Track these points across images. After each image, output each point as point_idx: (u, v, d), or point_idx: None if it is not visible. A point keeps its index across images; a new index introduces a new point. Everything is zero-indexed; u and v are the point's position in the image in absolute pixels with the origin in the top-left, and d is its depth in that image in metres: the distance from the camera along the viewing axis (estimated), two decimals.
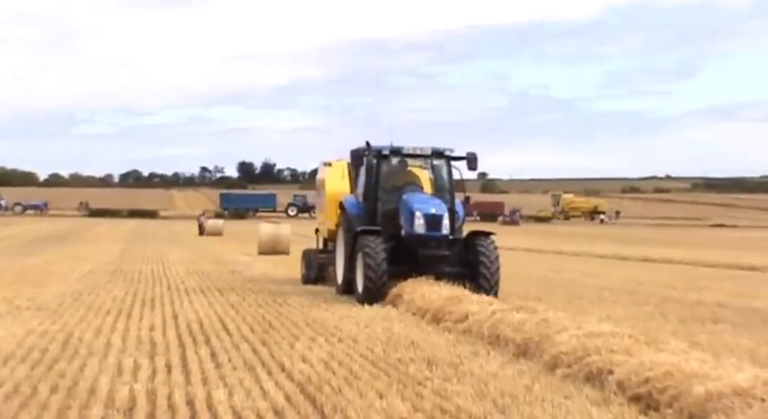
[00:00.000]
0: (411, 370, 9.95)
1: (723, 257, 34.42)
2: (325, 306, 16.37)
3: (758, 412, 7.05)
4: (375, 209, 18.21)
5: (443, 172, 18.87)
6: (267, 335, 12.68)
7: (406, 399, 8.49)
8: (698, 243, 55.59)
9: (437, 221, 17.31)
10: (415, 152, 18.64)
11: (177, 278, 23.14)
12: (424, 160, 19.20)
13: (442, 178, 18.91)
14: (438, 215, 17.35)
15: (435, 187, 18.92)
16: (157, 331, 13.16)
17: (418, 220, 17.16)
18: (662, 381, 8.25)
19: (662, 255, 37.23)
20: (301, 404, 8.37)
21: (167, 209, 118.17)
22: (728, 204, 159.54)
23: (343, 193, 20.17)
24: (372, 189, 18.38)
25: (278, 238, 35.95)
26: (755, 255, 33.94)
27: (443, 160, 18.77)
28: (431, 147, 18.57)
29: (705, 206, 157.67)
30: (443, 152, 18.59)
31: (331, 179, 21.46)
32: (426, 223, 17.19)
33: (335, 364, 10.37)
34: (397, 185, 18.69)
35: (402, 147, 18.52)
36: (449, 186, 18.72)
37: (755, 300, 18.70)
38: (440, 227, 17.34)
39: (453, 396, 8.61)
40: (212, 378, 9.55)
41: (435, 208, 17.43)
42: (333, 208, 20.19)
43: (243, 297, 18.18)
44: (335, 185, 21.11)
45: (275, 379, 9.52)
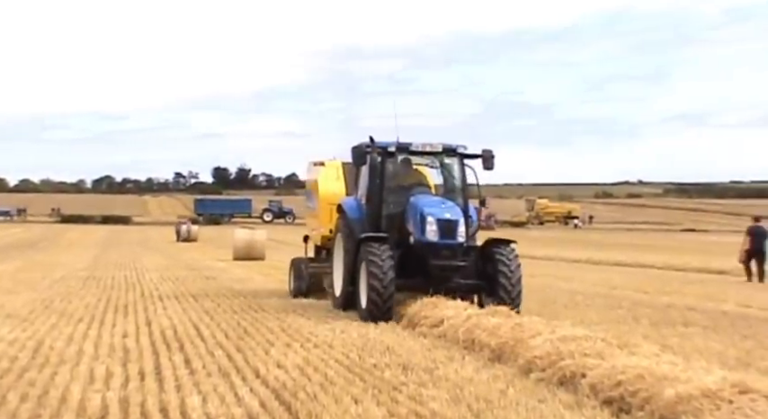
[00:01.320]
0: (386, 376, 9.92)
1: (693, 261, 34.68)
2: (301, 311, 16.30)
3: (726, 413, 7.15)
4: (380, 213, 16.18)
5: (455, 171, 16.85)
6: (242, 342, 12.61)
7: (382, 404, 8.48)
8: (669, 247, 55.89)
9: (452, 227, 15.35)
10: (424, 149, 16.49)
11: (151, 284, 23.01)
12: (434, 158, 17.02)
13: (453, 178, 16.91)
14: (453, 220, 15.39)
15: (445, 188, 16.93)
16: (131, 338, 13.05)
17: (430, 226, 15.16)
18: (634, 384, 8.31)
19: (634, 260, 37.45)
20: (276, 410, 8.32)
21: (141, 215, 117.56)
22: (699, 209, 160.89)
23: (338, 196, 18.34)
24: (377, 190, 16.25)
25: (253, 244, 35.88)
26: (724, 260, 34.06)
27: (456, 158, 16.71)
28: (442, 144, 16.50)
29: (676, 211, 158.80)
30: (456, 149, 16.58)
31: (324, 180, 19.50)
32: (439, 229, 15.19)
33: (311, 370, 10.32)
34: (404, 186, 16.66)
35: (410, 144, 16.41)
36: (461, 187, 16.74)
37: (724, 304, 18.90)
38: (455, 233, 15.36)
39: (428, 400, 8.58)
40: (186, 385, 9.46)
41: (449, 212, 15.48)
42: (327, 211, 18.58)
43: (218, 303, 18.09)
44: (329, 187, 19.20)
45: (250, 386, 9.47)
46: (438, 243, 15.19)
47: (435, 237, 15.14)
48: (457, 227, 15.36)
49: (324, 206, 18.93)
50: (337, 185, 19.09)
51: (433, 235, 15.13)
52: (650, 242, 66.69)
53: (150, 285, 22.73)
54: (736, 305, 18.80)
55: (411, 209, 15.61)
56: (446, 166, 16.97)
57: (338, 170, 19.43)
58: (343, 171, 19.23)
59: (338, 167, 19.48)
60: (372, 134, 16.44)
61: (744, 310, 17.90)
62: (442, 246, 15.24)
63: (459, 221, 15.42)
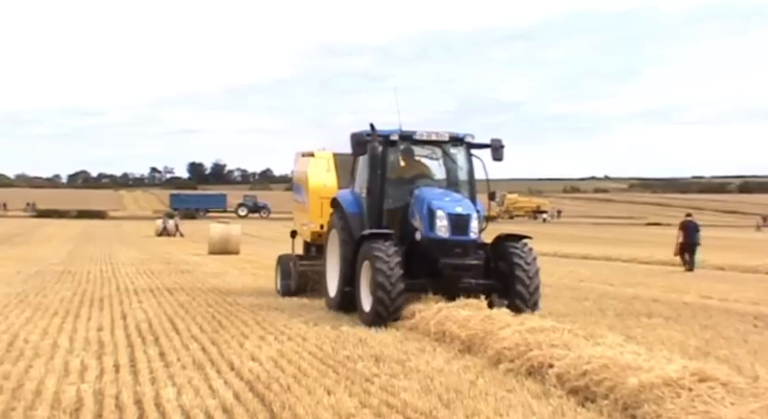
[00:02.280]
0: (359, 367, 9.93)
1: (657, 254, 34.92)
2: (275, 305, 16.27)
3: (686, 401, 7.27)
4: (381, 207, 14.70)
5: (462, 162, 15.36)
6: (217, 335, 12.57)
7: (354, 395, 8.49)
8: (634, 241, 56.30)
9: (464, 223, 13.96)
10: (429, 138, 14.95)
11: (126, 278, 22.89)
12: (436, 148, 15.40)
13: (458, 170, 15.40)
14: (465, 215, 13.99)
15: (448, 181, 15.39)
16: (105, 331, 12.96)
17: (440, 221, 13.75)
18: (599, 374, 8.39)
19: (601, 253, 37.72)
20: (250, 401, 8.31)
21: (116, 210, 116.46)
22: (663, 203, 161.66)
23: (330, 188, 17.07)
24: (379, 182, 14.70)
25: (228, 238, 35.77)
26: None
27: (463, 148, 15.24)
28: (448, 133, 14.97)
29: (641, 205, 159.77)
30: (464, 138, 15.08)
31: (315, 172, 17.96)
32: (451, 225, 13.79)
33: (284, 362, 10.31)
34: (406, 178, 15.24)
35: (414, 132, 14.84)
36: (469, 180, 15.32)
37: (686, 295, 19.27)
38: (467, 229, 13.97)
39: (400, 391, 8.61)
40: (161, 378, 9.42)
41: (461, 206, 14.09)
42: (317, 205, 17.27)
43: (192, 297, 18.03)
44: (320, 179, 17.73)
45: (224, 378, 9.44)
46: (449, 239, 13.84)
47: (446, 234, 13.81)
48: (469, 223, 14.01)
49: (314, 199, 17.60)
50: (328, 177, 17.72)
51: (444, 231, 13.79)
52: (616, 235, 67.06)
53: (125, 279, 22.60)
54: (698, 296, 19.14)
55: (417, 203, 14.26)
56: (451, 157, 15.42)
57: (329, 161, 18.03)
58: (335, 162, 17.86)
59: (329, 158, 18.09)
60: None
61: (704, 301, 18.20)
62: (453, 243, 13.87)
63: (472, 216, 14.09)
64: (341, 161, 17.42)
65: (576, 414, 7.72)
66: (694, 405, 7.18)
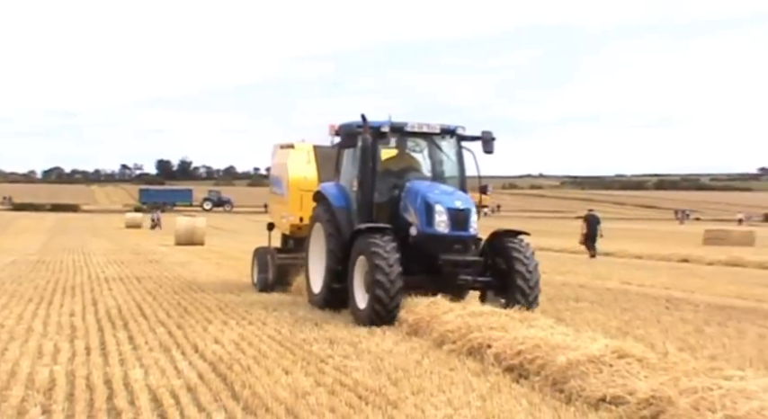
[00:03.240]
0: (314, 349, 9.91)
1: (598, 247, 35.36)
2: (237, 291, 16.16)
3: (607, 375, 7.45)
4: (372, 201, 13.15)
5: (453, 155, 13.84)
6: (182, 319, 12.45)
7: (310, 375, 8.46)
8: (565, 233, 56.75)
9: (464, 218, 12.49)
10: (420, 129, 13.40)
11: (98, 267, 22.58)
12: (422, 141, 13.94)
13: (448, 163, 13.88)
14: (465, 209, 12.54)
15: (434, 174, 13.87)
16: (78, 316, 12.78)
17: (439, 216, 12.30)
18: (532, 353, 8.48)
19: (535, 244, 37.73)
20: (213, 381, 8.25)
21: (89, 204, 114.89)
22: (590, 199, 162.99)
23: (310, 181, 15.59)
24: (370, 175, 13.14)
25: (194, 230, 35.49)
26: (610, 244, 35.01)
27: (453, 140, 13.76)
28: (439, 125, 13.52)
29: (571, 200, 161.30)
30: (455, 130, 13.61)
31: (294, 164, 16.31)
32: (450, 220, 12.32)
33: (245, 345, 10.25)
34: (394, 171, 13.67)
35: (405, 124, 13.30)
36: (460, 173, 13.80)
37: (609, 281, 19.71)
38: (467, 225, 12.51)
39: (352, 371, 8.62)
40: (129, 360, 9.33)
41: (460, 200, 12.66)
42: (297, 198, 15.81)
43: (160, 284, 17.83)
44: (300, 171, 16.12)
45: (189, 360, 9.36)
46: (449, 235, 12.37)
47: (446, 229, 12.32)
48: (469, 217, 12.55)
49: (294, 192, 15.99)
50: (308, 170, 16.13)
51: (444, 226, 12.31)
52: (549, 228, 67.73)
53: (97, 268, 22.29)
54: (619, 282, 19.59)
55: (410, 197, 12.76)
56: (439, 150, 13.95)
57: (309, 153, 16.39)
58: (315, 154, 16.32)
59: (309, 150, 16.45)
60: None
61: (625, 287, 18.62)
62: (453, 239, 12.43)
63: (472, 210, 12.65)
64: (321, 153, 16.12)
65: (511, 390, 7.77)
66: (614, 379, 7.37)
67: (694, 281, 20.25)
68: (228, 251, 30.09)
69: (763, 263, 27.07)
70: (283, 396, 7.53)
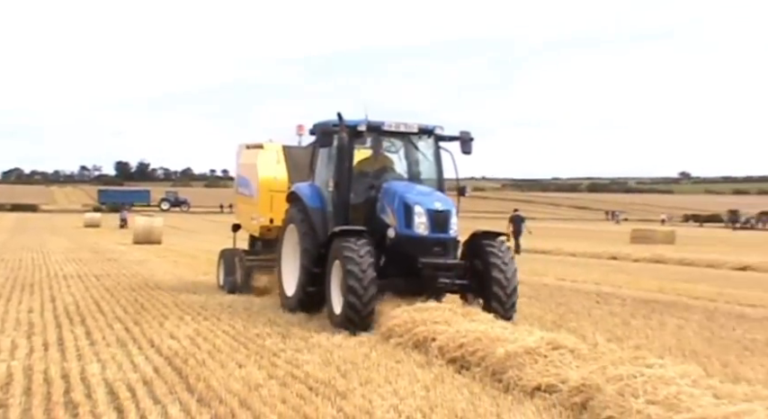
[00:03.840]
0: (267, 343, 9.84)
1: (523, 244, 35.68)
2: (193, 289, 15.95)
3: (542, 365, 7.58)
4: (348, 202, 12.11)
5: (430, 155, 12.75)
6: (139, 316, 12.26)
7: (263, 368, 8.41)
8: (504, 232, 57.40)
9: (444, 219, 11.45)
10: (398, 129, 12.35)
11: (56, 265, 22.09)
12: (397, 141, 12.80)
13: (425, 163, 12.82)
14: (444, 211, 11.49)
15: (410, 174, 12.83)
16: (36, 313, 12.51)
17: (419, 218, 11.27)
18: (473, 346, 8.55)
19: None
20: (168, 375, 8.15)
21: (48, 204, 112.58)
22: (529, 200, 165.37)
23: (280, 181, 14.57)
24: (346, 175, 12.12)
25: (151, 229, 34.96)
26: (546, 242, 35.59)
27: (431, 140, 12.66)
28: (417, 124, 12.47)
29: (511, 202, 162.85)
30: (433, 130, 12.53)
31: (264, 164, 15.07)
32: (430, 222, 11.29)
33: (200, 340, 10.13)
34: (369, 172, 12.63)
35: (382, 123, 12.25)
36: (437, 174, 12.68)
37: (545, 278, 19.94)
38: (447, 226, 11.47)
39: (303, 364, 8.58)
40: (87, 355, 9.16)
41: (440, 201, 11.63)
42: (267, 198, 14.67)
43: (117, 282, 17.52)
44: (270, 171, 14.91)
45: (145, 354, 9.23)
46: (429, 237, 11.34)
47: (425, 231, 11.31)
48: (449, 219, 11.52)
49: (264, 192, 14.80)
50: (278, 170, 14.93)
51: (423, 228, 11.30)
52: (490, 227, 68.21)
53: (55, 266, 21.81)
54: (554, 278, 19.82)
55: (388, 198, 11.74)
56: (418, 149, 12.83)
57: (279, 153, 15.21)
58: (285, 155, 15.16)
59: (278, 150, 15.27)
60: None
61: (559, 283, 18.86)
62: (433, 241, 11.38)
63: (452, 212, 11.63)
64: (290, 153, 15.06)
65: (453, 380, 7.81)
66: (548, 369, 7.49)
67: (622, 277, 20.66)
68: (185, 250, 29.73)
69: (683, 260, 27.86)
70: (237, 389, 7.47)
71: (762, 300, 15.20)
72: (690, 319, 12.49)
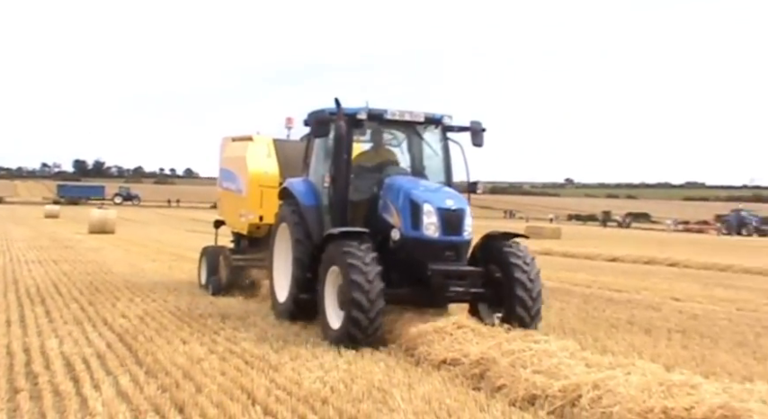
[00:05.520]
0: (209, 323, 9.70)
1: None
2: (142, 274, 15.59)
3: (448, 342, 7.71)
4: (347, 200, 9.44)
5: (437, 147, 10.05)
6: (93, 297, 11.94)
7: (204, 344, 8.29)
8: None
9: (457, 220, 8.85)
10: (402, 118, 9.67)
11: (19, 252, 21.27)
12: (408, 130, 10.13)
13: (431, 156, 10.11)
14: (458, 210, 8.89)
15: (414, 169, 10.10)
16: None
17: (428, 218, 8.68)
18: (389, 325, 8.59)
19: None
20: (120, 349, 7.99)
21: (12, 196, 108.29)
22: None
23: (270, 176, 12.06)
24: (344, 169, 9.41)
25: (105, 220, 34.01)
26: None
27: (438, 131, 9.99)
28: (424, 113, 9.76)
29: None
30: (441, 119, 9.84)
31: (253, 158, 12.44)
32: (441, 223, 8.70)
33: (149, 319, 9.93)
34: (368, 165, 10.01)
35: (384, 111, 9.56)
36: (445, 169, 9.99)
37: None
38: (461, 228, 8.88)
39: (240, 341, 8.50)
40: (46, 331, 8.91)
41: (452, 199, 8.98)
42: (257, 194, 12.15)
43: (74, 266, 16.99)
44: (260, 166, 12.32)
45: (99, 331, 9.02)
46: (439, 240, 8.71)
47: (436, 233, 8.69)
48: (463, 220, 8.92)
49: (253, 187, 12.21)
50: (269, 164, 12.36)
51: (434, 230, 8.69)
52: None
53: (18, 252, 20.99)
54: None
55: (391, 195, 9.14)
56: (424, 141, 10.16)
57: (269, 146, 12.61)
58: (275, 148, 12.63)
59: (269, 143, 12.67)
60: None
61: None
62: (444, 245, 8.77)
63: (466, 211, 9.01)
64: (281, 147, 12.65)
65: (372, 356, 7.83)
66: (453, 345, 7.61)
67: None
68: (136, 239, 29.03)
69: (566, 253, 28.70)
70: (181, 362, 7.37)
71: (626, 286, 15.72)
72: (570, 302, 12.82)
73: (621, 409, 5.37)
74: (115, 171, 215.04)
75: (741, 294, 15.03)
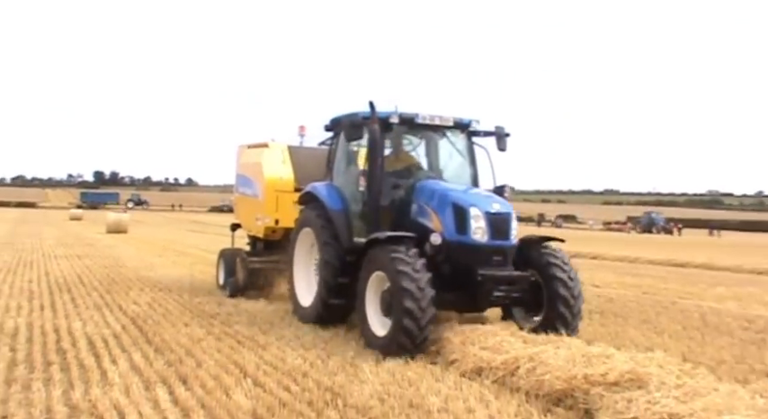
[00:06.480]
0: (207, 308, 9.52)
1: None
2: (150, 268, 15.21)
3: None
4: (379, 204, 7.89)
5: (463, 152, 8.53)
6: (110, 286, 11.66)
7: (203, 327, 8.14)
8: None
9: (505, 224, 7.45)
10: (432, 122, 8.19)
11: (49, 248, 20.68)
12: (437, 134, 8.53)
13: (457, 160, 8.54)
14: (505, 214, 7.47)
15: (441, 172, 8.54)
16: (35, 283, 11.83)
17: (476, 222, 7.29)
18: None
19: None
20: (132, 331, 7.84)
21: (44, 202, 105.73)
22: None
23: (286, 181, 10.55)
24: (378, 173, 7.81)
25: (120, 222, 33.37)
26: None
27: (464, 136, 8.53)
28: (452, 117, 8.33)
29: None
30: (469, 124, 8.45)
31: (270, 163, 10.89)
32: (490, 227, 7.31)
33: (156, 305, 9.73)
34: (391, 170, 8.20)
35: (416, 115, 8.10)
36: (472, 173, 8.50)
37: None
38: (508, 232, 7.46)
39: (234, 324, 8.36)
40: (72, 315, 8.72)
41: (498, 203, 7.56)
42: (272, 198, 10.59)
43: (94, 261, 16.56)
44: (276, 171, 10.76)
45: (115, 315, 8.83)
46: (487, 245, 7.33)
47: (484, 238, 7.31)
48: (510, 224, 7.50)
49: (269, 192, 10.67)
50: (284, 169, 10.82)
51: (482, 234, 7.30)
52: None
53: (49, 249, 20.41)
54: None
55: (429, 199, 7.68)
56: (452, 145, 8.54)
57: (284, 152, 11.03)
58: (290, 154, 11.02)
59: (284, 150, 11.08)
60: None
61: None
62: (492, 250, 7.36)
63: (512, 215, 7.60)
64: (295, 153, 11.10)
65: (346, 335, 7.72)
66: None
67: None
68: (145, 238, 28.52)
69: None
70: (183, 342, 7.24)
71: None
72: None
73: (551, 377, 5.41)
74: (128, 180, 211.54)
75: (645, 280, 15.33)
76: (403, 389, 5.52)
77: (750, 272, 19.33)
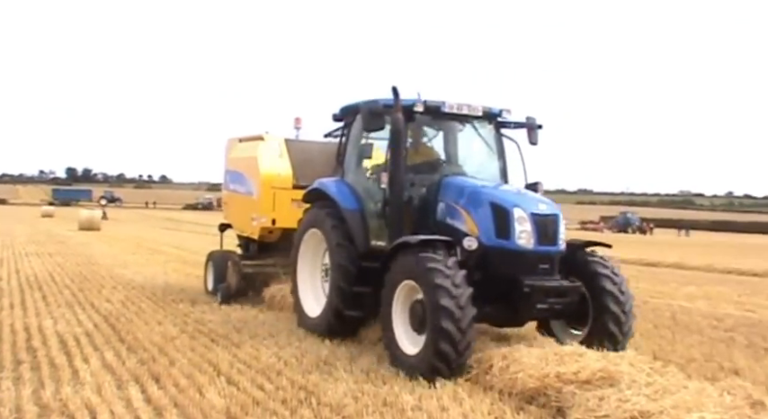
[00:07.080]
0: (180, 307, 9.44)
1: None
2: (123, 265, 15.03)
3: None
4: (402, 203, 6.87)
5: (491, 145, 7.49)
6: (83, 284, 11.50)
7: (176, 325, 8.08)
8: None
9: (552, 226, 6.44)
10: (460, 111, 7.13)
11: (20, 246, 20.28)
12: (463, 125, 7.46)
13: (481, 155, 7.52)
14: (552, 215, 6.46)
15: (465, 168, 7.46)
16: (4, 280, 11.63)
17: (520, 225, 6.26)
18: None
19: None
20: (105, 329, 7.74)
21: (15, 199, 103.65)
22: None
23: (283, 177, 9.51)
24: (401, 168, 6.80)
25: (92, 219, 32.89)
26: None
27: (491, 127, 7.49)
28: (482, 106, 7.24)
29: None
30: (500, 114, 7.37)
31: (266, 158, 9.72)
32: (536, 230, 6.30)
33: (129, 303, 9.62)
34: (411, 165, 7.07)
35: (442, 103, 7.06)
36: (500, 168, 7.48)
37: None
38: (556, 237, 6.43)
39: (208, 322, 8.30)
40: (43, 313, 8.59)
41: (544, 203, 6.53)
42: (269, 196, 9.52)
43: (66, 258, 16.30)
44: (273, 166, 9.63)
45: (87, 313, 8.71)
46: (534, 251, 6.30)
47: (530, 243, 6.28)
48: (558, 227, 6.47)
49: (266, 190, 9.57)
50: (282, 165, 9.68)
51: (527, 238, 6.27)
52: None
53: (19, 246, 20.00)
54: None
55: (459, 198, 6.66)
56: (480, 137, 7.48)
57: (281, 146, 9.89)
58: (288, 147, 9.91)
59: (281, 143, 9.94)
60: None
61: None
62: (539, 256, 6.35)
63: (560, 217, 6.55)
64: (293, 147, 9.97)
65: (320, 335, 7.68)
66: None
67: None
68: (118, 235, 28.14)
69: None
70: (157, 340, 7.17)
71: None
72: None
73: (524, 375, 5.45)
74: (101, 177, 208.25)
75: None
76: (377, 388, 5.54)
77: (720, 272, 19.73)
